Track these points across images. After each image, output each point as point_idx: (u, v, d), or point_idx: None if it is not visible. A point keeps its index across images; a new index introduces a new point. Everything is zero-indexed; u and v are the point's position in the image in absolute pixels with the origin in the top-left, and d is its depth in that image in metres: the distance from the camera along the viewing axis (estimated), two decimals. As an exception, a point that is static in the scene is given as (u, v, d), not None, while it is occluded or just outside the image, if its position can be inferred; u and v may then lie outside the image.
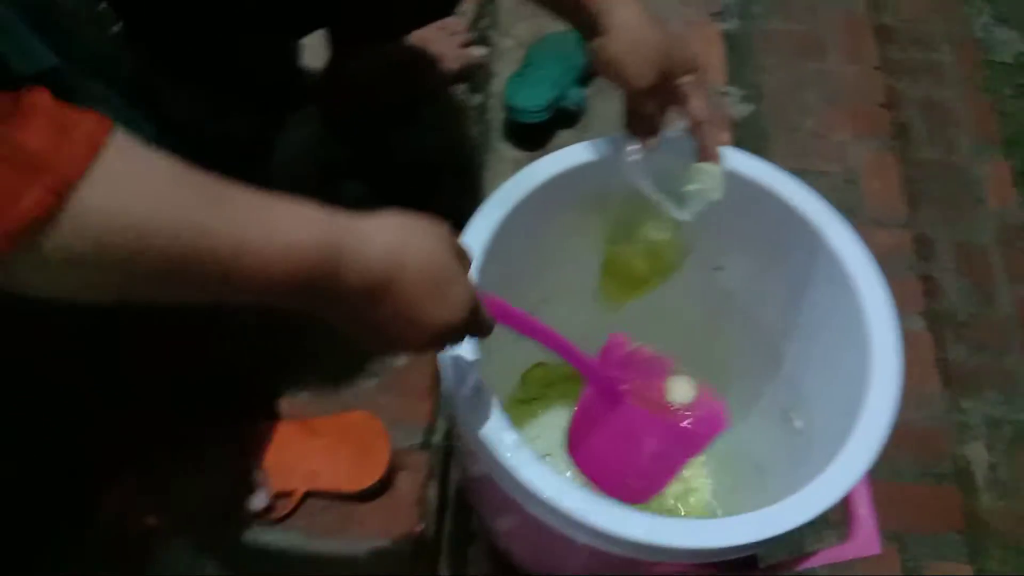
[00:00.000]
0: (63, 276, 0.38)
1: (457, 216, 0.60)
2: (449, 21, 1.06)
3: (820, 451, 0.64)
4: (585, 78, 1.13)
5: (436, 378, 0.87)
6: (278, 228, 0.41)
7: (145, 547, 0.76)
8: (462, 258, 0.50)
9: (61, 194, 0.35)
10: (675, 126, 0.67)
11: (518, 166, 0.70)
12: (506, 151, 1.10)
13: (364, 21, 0.86)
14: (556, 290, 0.79)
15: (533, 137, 1.09)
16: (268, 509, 0.77)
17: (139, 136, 0.39)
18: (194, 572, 0.76)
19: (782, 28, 1.33)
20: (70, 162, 0.35)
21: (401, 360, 0.87)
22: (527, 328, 0.58)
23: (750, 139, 1.19)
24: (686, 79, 0.64)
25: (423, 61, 1.04)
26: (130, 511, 0.76)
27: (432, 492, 0.82)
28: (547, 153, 0.71)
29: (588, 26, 0.63)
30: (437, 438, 0.84)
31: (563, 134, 1.11)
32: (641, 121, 0.66)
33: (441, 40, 1.05)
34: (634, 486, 0.63)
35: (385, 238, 0.45)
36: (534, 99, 1.06)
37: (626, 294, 0.77)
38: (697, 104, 0.65)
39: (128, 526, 0.76)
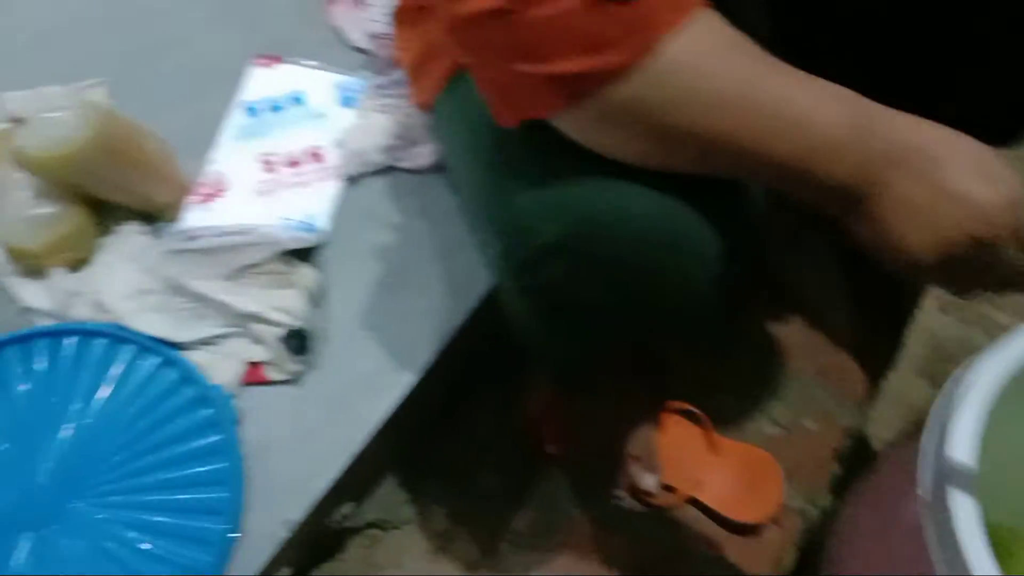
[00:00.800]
0: (621, 126, 0.43)
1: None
2: None
3: None
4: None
5: (836, 453, 0.85)
6: (816, 95, 0.44)
7: (534, 467, 0.82)
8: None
9: (648, 47, 0.41)
10: None
11: None
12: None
13: None
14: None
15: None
16: (650, 493, 0.80)
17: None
18: (558, 509, 0.81)
19: None
20: (664, 23, 0.41)
21: (814, 423, 0.86)
22: None
23: None
24: None
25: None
26: (544, 430, 0.82)
27: (789, 558, 0.81)
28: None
29: None
30: (814, 512, 0.83)
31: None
32: None
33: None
34: None
35: (918, 119, 0.45)
36: None
37: None
38: None
39: (535, 441, 0.82)
